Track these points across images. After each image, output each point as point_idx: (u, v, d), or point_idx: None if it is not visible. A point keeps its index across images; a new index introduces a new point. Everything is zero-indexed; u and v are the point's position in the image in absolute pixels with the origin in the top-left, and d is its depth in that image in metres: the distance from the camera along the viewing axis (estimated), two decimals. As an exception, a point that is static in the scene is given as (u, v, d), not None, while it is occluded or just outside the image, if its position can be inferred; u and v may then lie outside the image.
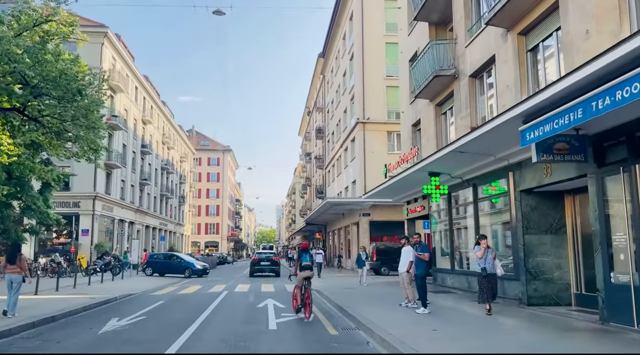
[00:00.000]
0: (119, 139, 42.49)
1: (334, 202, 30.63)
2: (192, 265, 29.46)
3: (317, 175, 57.40)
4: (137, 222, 48.16)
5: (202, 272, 29.46)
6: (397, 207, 30.84)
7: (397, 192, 20.59)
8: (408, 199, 21.75)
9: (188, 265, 29.55)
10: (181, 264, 29.83)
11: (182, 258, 30.91)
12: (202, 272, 29.44)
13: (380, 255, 27.31)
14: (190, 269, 29.07)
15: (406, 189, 19.60)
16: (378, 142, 32.29)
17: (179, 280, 26.01)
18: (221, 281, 24.96)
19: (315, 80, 58.71)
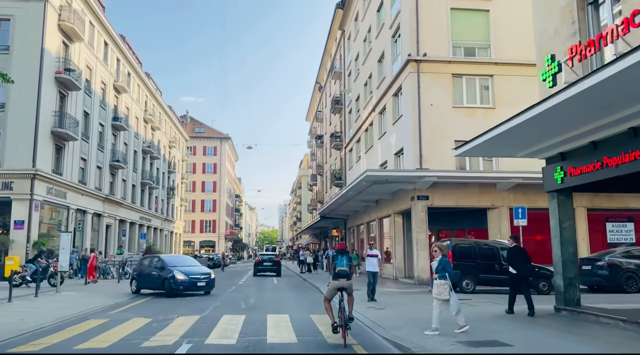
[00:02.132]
0: (77, 103, 32.11)
1: (375, 177, 20.15)
2: (172, 276, 16.76)
3: (332, 159, 47.02)
4: (106, 214, 37.77)
5: (190, 287, 16.84)
6: (470, 187, 20.56)
7: (564, 125, 10.24)
8: (564, 149, 11.39)
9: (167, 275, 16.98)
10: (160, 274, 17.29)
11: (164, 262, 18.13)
12: (189, 285, 16.79)
13: (460, 259, 16.91)
14: (169, 281, 16.78)
15: (588, 118, 9.30)
16: (439, 90, 21.89)
17: (131, 300, 15.64)
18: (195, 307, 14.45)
19: (329, 45, 48.32)
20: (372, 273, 14.78)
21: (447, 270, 8.89)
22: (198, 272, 17.45)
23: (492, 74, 22.38)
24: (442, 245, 9.68)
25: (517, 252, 11.69)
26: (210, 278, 17.50)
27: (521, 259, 11.49)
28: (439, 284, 8.82)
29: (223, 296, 16.93)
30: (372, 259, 14.93)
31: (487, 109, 22.17)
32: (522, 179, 19.99)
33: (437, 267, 8.95)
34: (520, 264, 11.38)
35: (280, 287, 22.19)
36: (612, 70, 7.23)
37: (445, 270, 8.88)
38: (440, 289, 8.81)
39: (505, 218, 21.11)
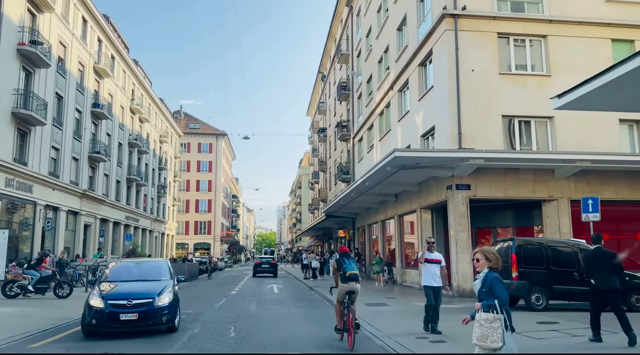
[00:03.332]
0: (47, 83, 27.74)
1: (405, 160, 15.70)
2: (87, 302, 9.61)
3: (337, 152, 42.72)
4: (84, 212, 33.34)
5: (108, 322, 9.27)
6: (522, 174, 16.30)
7: None
8: None
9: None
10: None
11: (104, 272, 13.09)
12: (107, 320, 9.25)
13: (528, 265, 12.59)
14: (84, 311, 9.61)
15: None
16: (482, 53, 17.61)
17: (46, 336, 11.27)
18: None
19: (334, 28, 44.08)
20: (434, 289, 9.61)
21: (498, 295, 4.85)
22: (134, 294, 9.60)
23: (546, 35, 18.11)
24: (490, 252, 5.24)
25: (600, 257, 8.44)
26: (154, 305, 9.41)
27: (606, 266, 8.28)
28: (484, 321, 4.80)
29: (204, 318, 12.48)
30: (432, 268, 9.64)
31: (541, 76, 17.91)
32: (591, 162, 15.69)
33: (481, 290, 4.99)
34: (603, 274, 8.23)
35: (282, 298, 17.86)
36: None
37: (495, 294, 4.86)
38: (487, 331, 4.77)
39: (565, 213, 16.81)
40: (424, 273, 9.75)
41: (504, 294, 4.84)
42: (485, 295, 4.87)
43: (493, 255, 5.03)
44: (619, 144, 17.79)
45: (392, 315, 12.08)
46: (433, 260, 9.73)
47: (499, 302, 4.76)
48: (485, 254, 5.07)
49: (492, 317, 4.73)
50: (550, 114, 17.59)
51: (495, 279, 4.89)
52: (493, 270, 4.97)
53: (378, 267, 22.50)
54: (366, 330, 9.91)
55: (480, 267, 5.06)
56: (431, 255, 9.79)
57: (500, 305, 4.76)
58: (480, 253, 5.08)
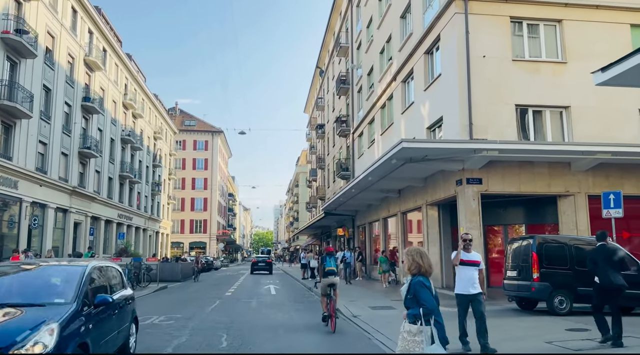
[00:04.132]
0: (34, 74, 26.51)
1: (413, 151, 14.55)
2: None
3: (335, 149, 41.59)
4: (74, 209, 32.10)
5: None
6: (537, 167, 15.21)
7: None
8: None
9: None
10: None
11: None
12: None
13: (550, 266, 11.50)
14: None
15: None
16: (494, 38, 16.50)
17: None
18: None
19: (332, 21, 42.93)
20: (471, 298, 7.63)
21: (422, 302, 4.34)
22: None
23: (561, 19, 17.01)
24: (415, 253, 4.62)
25: (605, 254, 8.31)
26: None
27: (610, 264, 8.19)
28: (407, 334, 4.37)
29: (193, 324, 11.34)
30: (468, 271, 7.71)
31: (556, 63, 16.81)
32: (612, 154, 14.59)
33: (406, 297, 4.54)
34: (607, 272, 8.15)
35: (280, 300, 16.73)
36: None
37: (419, 301, 4.37)
38: (409, 345, 4.32)
39: (582, 209, 15.73)
40: (458, 277, 7.90)
41: (430, 300, 4.24)
42: (410, 302, 4.36)
43: (418, 257, 4.48)
44: (639, 136, 16.71)
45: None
46: (470, 261, 7.75)
47: (424, 310, 4.20)
48: (409, 255, 4.53)
49: (416, 329, 4.22)
50: (566, 103, 16.54)
51: (419, 284, 4.33)
52: (416, 274, 4.41)
53: (385, 266, 21.07)
54: (377, 341, 8.79)
55: (406, 268, 4.56)
56: (468, 255, 7.78)
57: (425, 313, 4.20)
58: (405, 255, 4.58)
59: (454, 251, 7.93)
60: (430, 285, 4.43)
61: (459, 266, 7.79)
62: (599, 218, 14.78)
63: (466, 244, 7.91)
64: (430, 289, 4.40)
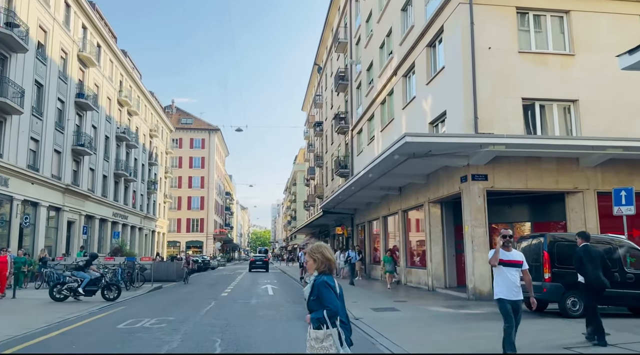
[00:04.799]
0: (25, 69, 25.84)
1: (417, 146, 13.91)
2: None
3: (334, 146, 40.98)
4: (67, 208, 31.45)
5: None
6: (544, 163, 14.67)
7: None
8: None
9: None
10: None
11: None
12: None
13: (562, 265, 10.94)
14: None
15: None
16: (500, 29, 15.91)
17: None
18: None
19: (331, 17, 42.30)
20: (514, 304, 6.71)
21: (326, 304, 3.90)
22: None
23: (569, 10, 16.44)
24: (317, 251, 4.14)
25: (591, 255, 8.49)
26: None
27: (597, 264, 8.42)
28: (315, 341, 3.90)
29: (187, 327, 10.74)
30: (509, 272, 6.73)
31: (564, 56, 16.23)
32: (623, 149, 14.04)
33: (310, 299, 4.06)
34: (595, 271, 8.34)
35: (278, 301, 16.14)
36: None
37: (322, 303, 3.93)
38: (319, 352, 3.89)
39: (591, 206, 15.18)
40: (498, 280, 6.81)
41: (334, 301, 3.87)
42: (314, 304, 3.96)
43: (319, 255, 4.06)
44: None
45: (408, 324, 10.37)
46: (511, 261, 6.72)
47: (328, 313, 3.84)
48: (310, 254, 4.09)
49: (323, 334, 3.84)
50: (574, 97, 15.98)
51: (323, 284, 3.93)
52: (322, 272, 4.01)
53: (389, 266, 19.73)
54: (381, 346, 8.21)
55: (310, 269, 4.09)
56: (508, 254, 6.77)
57: (330, 316, 3.84)
58: (310, 254, 4.10)
59: (491, 250, 6.96)
60: (334, 285, 4.00)
61: (499, 267, 6.75)
62: (608, 216, 14.26)
63: (506, 241, 6.81)
64: (335, 288, 3.98)
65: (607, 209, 14.23)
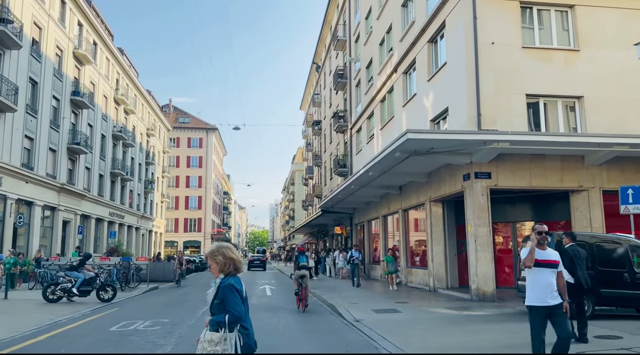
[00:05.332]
0: (19, 66, 25.43)
1: (418, 142, 13.55)
2: None
3: (333, 145, 40.64)
4: (62, 207, 31.03)
5: None
6: (549, 161, 14.33)
7: None
8: None
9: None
10: None
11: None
12: None
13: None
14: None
15: None
16: (503, 24, 15.56)
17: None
18: None
19: (329, 15, 41.96)
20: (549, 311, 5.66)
21: (229, 308, 3.67)
22: None
23: (573, 4, 16.10)
24: (218, 252, 3.89)
25: (579, 255, 8.68)
26: None
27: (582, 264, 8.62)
28: (208, 343, 3.63)
29: (181, 330, 10.36)
30: (544, 274, 5.74)
31: (568, 51, 15.88)
32: (630, 146, 13.69)
33: (213, 302, 3.81)
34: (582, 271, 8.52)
35: (275, 303, 15.76)
36: None
37: (227, 308, 3.69)
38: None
39: (597, 205, 14.85)
40: (531, 283, 5.82)
41: (238, 307, 3.66)
42: (217, 308, 3.73)
43: (220, 256, 3.82)
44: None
45: (411, 327, 10.00)
46: (547, 261, 5.77)
47: (229, 318, 3.61)
48: (211, 257, 3.84)
49: (218, 337, 3.61)
50: (578, 93, 15.65)
51: (229, 288, 3.70)
52: (227, 275, 3.80)
53: (392, 266, 18.92)
54: (385, 350, 7.85)
55: (214, 273, 3.86)
56: (543, 253, 5.81)
57: (231, 321, 3.62)
58: (211, 256, 3.85)
59: (523, 249, 6.05)
60: (241, 288, 3.77)
61: (532, 269, 5.78)
62: (614, 215, 13.94)
63: (541, 239, 5.88)
64: (241, 292, 3.75)
65: (613, 208, 13.93)
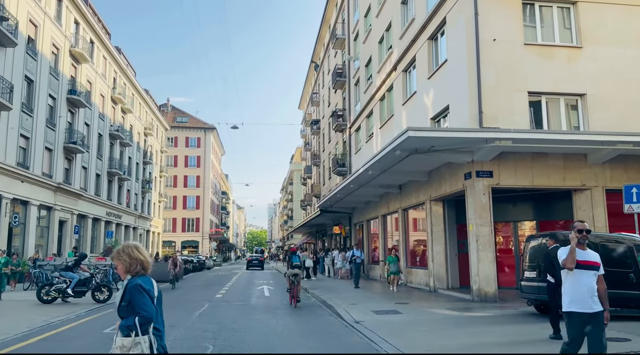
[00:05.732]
0: (15, 64, 25.15)
1: (419, 140, 13.28)
2: None
3: (331, 145, 40.41)
4: (59, 207, 30.74)
5: None
6: (551, 159, 14.12)
7: None
8: None
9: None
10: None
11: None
12: None
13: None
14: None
15: None
16: (505, 20, 15.33)
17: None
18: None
19: (328, 13, 41.70)
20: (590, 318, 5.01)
21: (138, 310, 3.46)
22: None
23: (575, 1, 15.88)
24: (122, 252, 3.70)
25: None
26: None
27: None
28: (120, 349, 3.43)
29: (177, 333, 10.11)
30: (585, 276, 5.10)
31: (571, 48, 15.65)
32: (634, 144, 13.47)
33: (120, 304, 3.60)
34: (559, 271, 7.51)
35: (274, 303, 15.51)
36: None
37: (136, 310, 3.49)
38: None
39: (600, 204, 14.63)
40: (570, 286, 5.17)
41: (148, 307, 3.45)
42: (126, 310, 3.52)
43: (126, 257, 3.61)
44: (660, 127, 15.60)
45: (413, 328, 9.76)
46: (587, 263, 5.13)
47: (140, 319, 3.40)
48: (117, 258, 3.63)
49: (130, 342, 3.40)
50: (581, 91, 15.43)
51: (136, 288, 3.50)
52: (139, 274, 3.62)
53: (394, 267, 18.29)
54: (387, 353, 7.61)
55: (121, 274, 3.65)
56: (584, 254, 5.17)
57: (142, 322, 3.41)
58: (117, 256, 3.65)
59: (562, 248, 5.30)
60: (151, 288, 3.56)
61: (572, 271, 5.12)
62: (618, 214, 13.73)
63: (582, 238, 5.19)
64: (151, 291, 3.55)
65: (616, 207, 13.72)
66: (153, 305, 3.50)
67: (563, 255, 5.18)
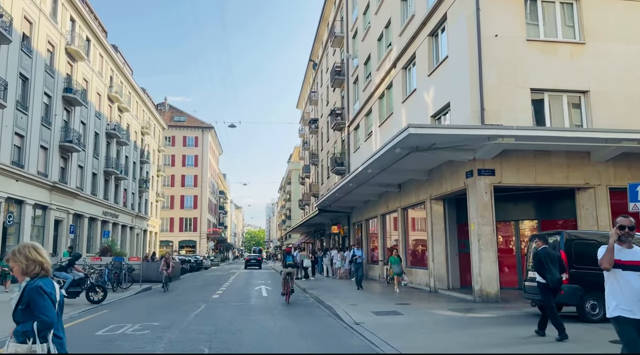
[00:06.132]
0: (9, 61, 24.80)
1: (420, 137, 13.00)
2: None
3: (330, 144, 40.13)
4: (54, 206, 30.39)
5: None
6: (554, 157, 13.87)
7: None
8: None
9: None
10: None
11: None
12: None
13: (582, 265, 10.13)
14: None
15: None
16: (507, 15, 15.07)
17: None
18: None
19: (326, 11, 41.40)
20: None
21: (38, 314, 3.20)
22: None
23: (579, -4, 15.63)
24: (19, 252, 3.41)
25: (550, 256, 8.73)
26: None
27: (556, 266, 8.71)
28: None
29: (172, 334, 9.82)
30: (632, 278, 4.52)
31: (574, 44, 15.39)
32: (638, 142, 13.24)
33: (17, 308, 3.31)
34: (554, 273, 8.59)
35: (271, 304, 15.24)
36: None
37: (35, 314, 3.22)
38: None
39: (603, 202, 14.39)
40: (614, 289, 4.61)
41: (51, 311, 3.17)
42: (23, 315, 3.23)
43: (22, 258, 3.31)
44: (664, 124, 15.36)
45: (414, 330, 9.49)
46: (633, 263, 4.55)
47: (38, 325, 3.12)
48: (13, 259, 3.34)
49: (26, 349, 3.11)
50: (584, 87, 15.17)
51: (36, 290, 3.20)
52: (40, 276, 3.28)
53: (397, 268, 17.61)
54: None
55: (18, 277, 3.34)
56: (628, 252, 4.61)
57: (41, 328, 3.13)
58: (12, 257, 3.36)
59: (601, 246, 4.74)
60: (52, 291, 3.26)
61: (613, 271, 4.59)
62: (621, 212, 13.43)
63: (624, 235, 4.59)
64: (52, 295, 3.25)
65: (620, 206, 13.45)
66: (55, 310, 3.21)
67: (600, 253, 4.64)
